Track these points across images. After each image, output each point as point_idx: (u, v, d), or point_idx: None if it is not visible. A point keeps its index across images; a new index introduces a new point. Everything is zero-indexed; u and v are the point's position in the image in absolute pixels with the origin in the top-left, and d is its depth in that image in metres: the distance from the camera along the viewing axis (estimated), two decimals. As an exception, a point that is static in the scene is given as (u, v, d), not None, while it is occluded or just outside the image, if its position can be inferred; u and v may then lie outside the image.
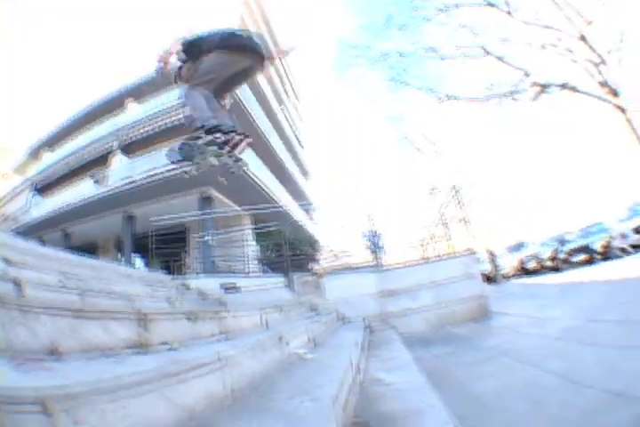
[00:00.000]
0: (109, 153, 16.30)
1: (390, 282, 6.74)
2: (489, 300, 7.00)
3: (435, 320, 6.51)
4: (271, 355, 2.29)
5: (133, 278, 3.93)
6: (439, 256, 8.14)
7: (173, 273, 8.64)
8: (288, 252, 7.77)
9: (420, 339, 5.65)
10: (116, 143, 15.97)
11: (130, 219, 15.06)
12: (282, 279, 6.85)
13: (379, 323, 6.39)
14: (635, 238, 10.93)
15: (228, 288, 6.40)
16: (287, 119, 23.74)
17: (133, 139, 15.77)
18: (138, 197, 14.00)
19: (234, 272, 8.57)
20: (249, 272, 8.44)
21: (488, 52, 9.67)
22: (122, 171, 14.86)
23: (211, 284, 6.50)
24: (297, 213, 18.32)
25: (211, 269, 9.64)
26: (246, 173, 13.10)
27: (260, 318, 3.28)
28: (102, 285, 2.44)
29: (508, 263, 17.47)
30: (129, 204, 14.52)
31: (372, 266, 7.64)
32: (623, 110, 8.40)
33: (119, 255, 16.03)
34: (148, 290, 3.22)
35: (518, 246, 19.30)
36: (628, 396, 2.02)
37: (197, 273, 9.32)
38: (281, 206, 14.90)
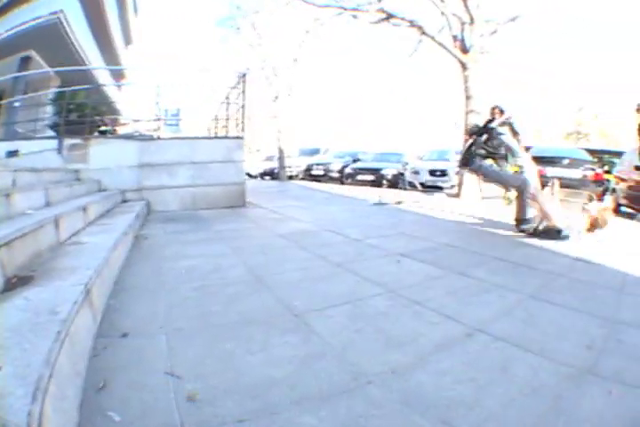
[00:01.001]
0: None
1: (152, 155, 6.47)
2: (247, 189, 7.27)
3: (190, 201, 6.63)
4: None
5: None
6: (209, 137, 8.11)
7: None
8: (71, 114, 7.05)
9: (168, 216, 5.83)
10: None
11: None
12: (55, 143, 6.22)
13: (135, 196, 6.28)
14: (427, 178, 11.87)
15: (11, 153, 5.95)
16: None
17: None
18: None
19: (27, 138, 7.51)
20: (34, 137, 7.47)
21: None
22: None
23: (2, 149, 6.01)
24: (105, 78, 16.76)
25: (12, 134, 8.35)
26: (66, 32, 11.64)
27: (13, 177, 3.39)
28: None
29: (297, 165, 17.46)
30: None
31: (141, 135, 7.22)
32: (465, 67, 8.88)
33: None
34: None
35: (312, 151, 19.53)
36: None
37: (-1, 140, 8.14)
38: (89, 70, 13.57)
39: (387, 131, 41.68)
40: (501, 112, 7.68)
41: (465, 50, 8.96)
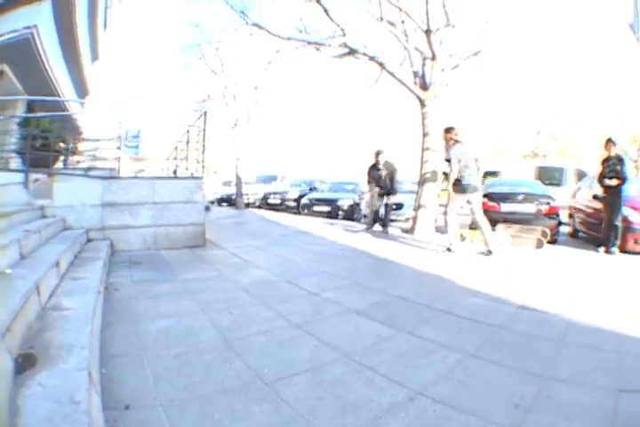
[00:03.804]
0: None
1: (114, 194, 6.74)
2: (207, 229, 7.62)
3: (151, 240, 6.89)
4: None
5: None
6: (169, 177, 8.54)
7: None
8: (36, 144, 7.16)
9: (132, 257, 6.08)
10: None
11: None
12: (21, 177, 6.43)
13: (99, 235, 6.52)
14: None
15: None
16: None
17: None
18: None
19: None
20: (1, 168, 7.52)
21: (318, 1, 9.46)
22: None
23: None
24: (70, 93, 17.07)
25: None
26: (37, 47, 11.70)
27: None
28: None
29: (255, 193, 18.12)
30: None
31: (102, 173, 7.36)
32: (424, 104, 9.35)
33: None
34: None
35: (269, 178, 20.37)
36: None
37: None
38: (53, 82, 13.76)
39: (343, 158, 43.30)
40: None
41: (425, 87, 9.53)
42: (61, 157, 9.05)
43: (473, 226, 9.56)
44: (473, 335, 3.22)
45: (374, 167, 9.97)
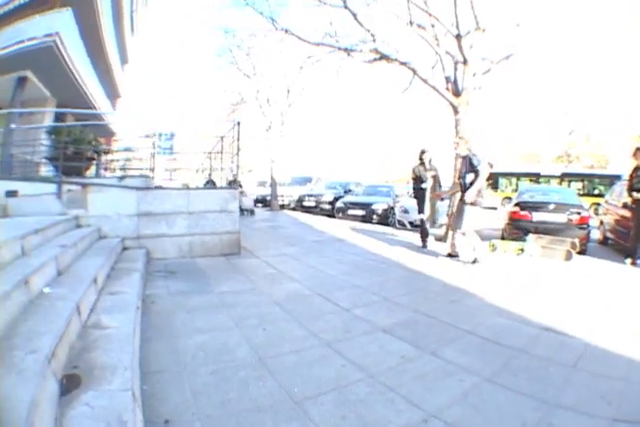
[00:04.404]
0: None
1: (150, 204, 7.02)
2: (242, 232, 8.02)
3: (187, 248, 7.23)
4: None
5: None
6: (204, 188, 8.88)
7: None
8: (68, 152, 7.26)
9: (167, 266, 6.41)
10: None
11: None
12: (54, 187, 6.63)
13: (134, 243, 6.83)
14: (417, 217, 11.03)
15: (11, 193, 6.40)
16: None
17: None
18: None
19: (26, 179, 7.41)
20: (33, 178, 7.60)
21: (347, 6, 9.69)
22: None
23: (1, 188, 6.41)
24: (101, 98, 17.81)
25: (8, 168, 8.49)
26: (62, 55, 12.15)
27: (21, 244, 3.66)
28: None
29: (289, 195, 18.53)
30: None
31: (137, 182, 7.54)
32: (457, 111, 9.38)
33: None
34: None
35: (304, 180, 20.79)
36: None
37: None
38: (85, 91, 14.58)
39: (378, 160, 43.86)
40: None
41: (457, 92, 9.63)
42: (94, 163, 9.36)
43: (504, 236, 9.71)
44: (493, 358, 3.40)
45: (421, 166, 9.25)
